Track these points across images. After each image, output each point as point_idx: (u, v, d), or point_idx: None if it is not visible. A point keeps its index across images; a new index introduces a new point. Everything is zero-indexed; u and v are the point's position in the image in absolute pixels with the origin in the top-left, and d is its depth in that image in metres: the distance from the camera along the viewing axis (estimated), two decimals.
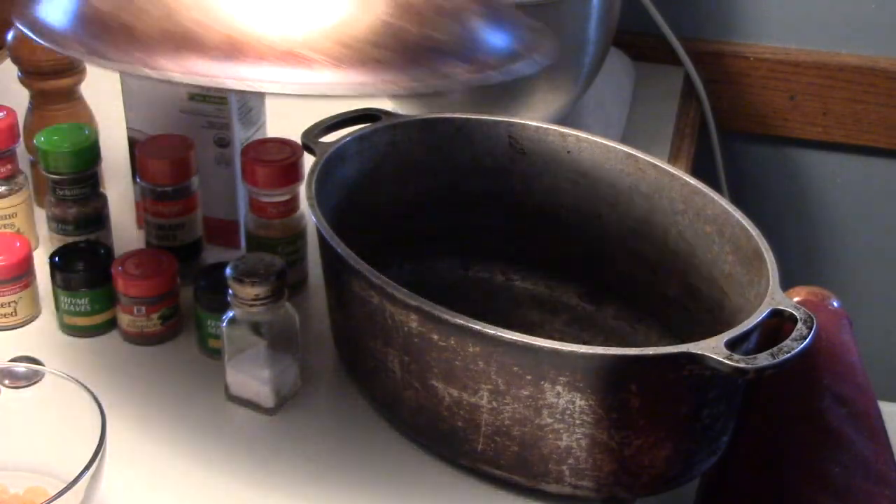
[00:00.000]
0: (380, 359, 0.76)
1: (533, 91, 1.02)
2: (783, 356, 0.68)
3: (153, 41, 0.67)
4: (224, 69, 0.65)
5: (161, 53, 0.66)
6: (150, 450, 0.78)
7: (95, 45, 0.68)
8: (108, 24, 0.68)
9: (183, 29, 0.66)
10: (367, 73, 0.66)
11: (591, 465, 0.72)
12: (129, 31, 0.67)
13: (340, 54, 0.66)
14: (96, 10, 0.69)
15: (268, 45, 0.66)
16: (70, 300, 0.86)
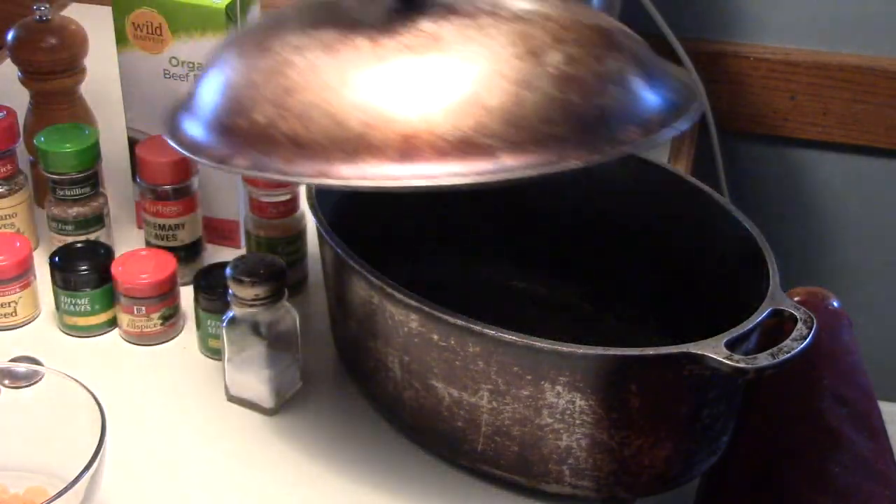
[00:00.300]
0: (380, 359, 0.76)
1: None
2: (783, 356, 0.68)
3: (324, 149, 0.67)
4: (405, 169, 0.66)
5: (337, 161, 0.67)
6: (150, 450, 0.78)
7: (262, 159, 0.68)
8: (268, 135, 0.68)
9: (353, 133, 0.67)
10: (546, 152, 0.66)
11: (591, 465, 0.72)
12: (294, 141, 0.68)
13: (516, 136, 0.66)
14: (252, 123, 0.69)
15: (442, 137, 0.66)
16: (70, 300, 0.86)
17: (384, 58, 0.68)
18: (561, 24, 0.70)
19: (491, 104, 0.66)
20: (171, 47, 0.90)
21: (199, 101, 0.72)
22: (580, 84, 0.68)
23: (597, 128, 0.67)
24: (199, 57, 0.90)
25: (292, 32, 0.71)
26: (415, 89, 0.67)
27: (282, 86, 0.69)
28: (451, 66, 0.67)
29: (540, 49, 0.68)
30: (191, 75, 0.90)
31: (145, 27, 0.90)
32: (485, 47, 0.68)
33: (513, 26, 0.69)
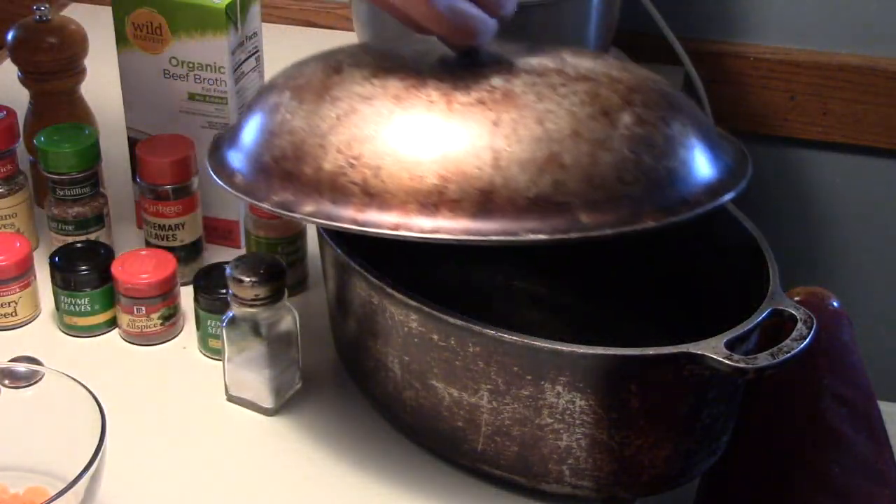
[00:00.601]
0: (380, 359, 0.76)
1: None
2: (783, 356, 0.68)
3: (399, 201, 0.68)
4: (483, 225, 0.66)
5: (414, 214, 0.67)
6: (150, 450, 0.78)
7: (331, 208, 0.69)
8: (338, 184, 0.69)
9: (430, 186, 0.67)
10: (622, 211, 0.67)
11: (591, 465, 0.72)
12: (366, 190, 0.68)
13: (592, 195, 0.67)
14: (319, 170, 0.69)
15: (520, 193, 0.67)
16: (70, 300, 0.86)
17: (459, 112, 0.69)
18: (627, 86, 0.72)
19: (568, 162, 0.67)
20: (171, 47, 0.90)
21: (255, 145, 0.73)
22: (651, 145, 0.69)
23: (668, 189, 0.69)
24: (199, 57, 0.90)
25: (355, 81, 0.72)
26: (492, 144, 0.68)
27: (351, 135, 0.69)
28: (528, 123, 0.68)
29: (612, 109, 0.70)
30: (191, 75, 0.91)
31: (145, 27, 0.90)
32: (559, 105, 0.69)
33: (582, 85, 0.71)
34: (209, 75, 0.90)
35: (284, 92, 0.74)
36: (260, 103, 0.76)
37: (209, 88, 0.91)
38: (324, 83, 0.73)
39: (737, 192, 0.72)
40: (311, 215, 0.69)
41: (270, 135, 0.72)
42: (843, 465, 0.89)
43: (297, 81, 0.74)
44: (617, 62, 0.76)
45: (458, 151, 0.68)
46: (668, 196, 0.69)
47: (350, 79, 0.72)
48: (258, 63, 0.94)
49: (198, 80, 0.91)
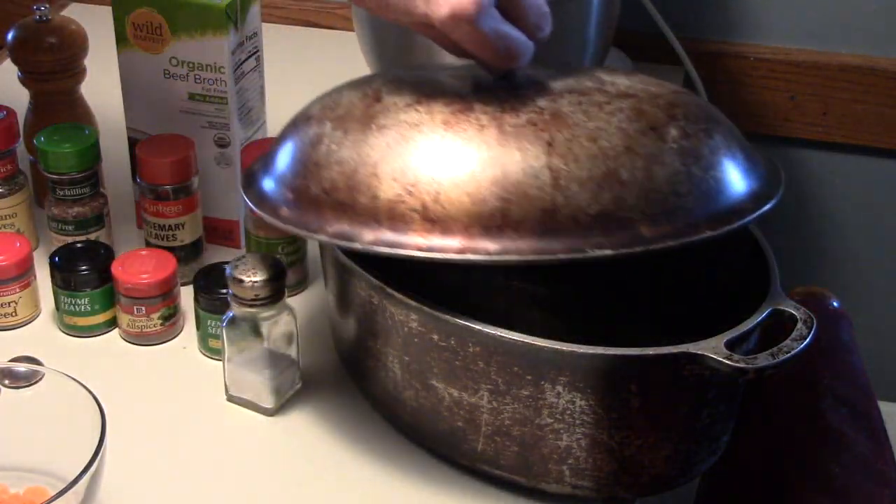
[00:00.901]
0: (380, 359, 0.76)
1: None
2: (783, 356, 0.68)
3: (462, 225, 0.68)
4: (549, 243, 0.67)
5: (478, 237, 0.68)
6: (150, 450, 0.78)
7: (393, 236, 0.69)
8: (397, 212, 0.69)
9: (492, 209, 0.68)
10: (677, 223, 0.69)
11: (591, 465, 0.72)
12: (426, 216, 0.69)
13: (650, 209, 0.69)
14: (375, 199, 0.70)
15: (582, 210, 0.68)
16: (70, 300, 0.86)
17: (511, 133, 0.70)
18: (667, 101, 0.74)
19: (625, 178, 0.69)
20: (172, 47, 0.90)
21: (299, 177, 0.73)
22: (698, 157, 0.71)
23: (717, 199, 0.71)
24: (199, 57, 0.90)
25: (399, 108, 0.73)
26: (549, 164, 0.69)
27: (405, 162, 0.70)
28: (582, 142, 0.70)
29: (658, 124, 0.71)
30: (191, 75, 0.91)
31: (145, 27, 0.90)
32: (608, 123, 0.71)
33: (625, 102, 0.73)
34: (209, 75, 0.90)
35: (324, 123, 0.74)
36: (296, 135, 0.76)
37: (209, 88, 0.91)
38: (366, 112, 0.73)
39: (777, 199, 0.74)
40: (372, 244, 0.70)
41: (316, 167, 0.72)
42: (843, 465, 0.89)
43: (337, 112, 0.74)
44: (648, 78, 0.78)
45: (516, 173, 0.69)
46: (718, 206, 0.71)
47: (393, 107, 0.73)
48: (258, 63, 0.94)
49: (198, 80, 0.91)
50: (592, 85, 0.75)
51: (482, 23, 0.69)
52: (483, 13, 0.68)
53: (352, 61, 1.11)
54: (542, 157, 0.69)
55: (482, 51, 0.71)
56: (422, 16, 0.69)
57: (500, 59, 0.72)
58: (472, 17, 0.68)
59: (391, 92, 0.74)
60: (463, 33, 0.69)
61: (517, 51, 0.71)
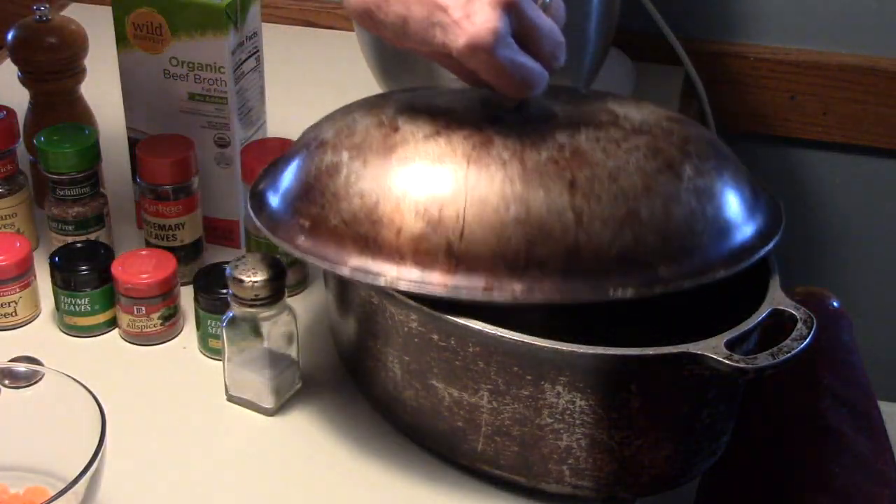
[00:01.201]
0: (380, 359, 0.76)
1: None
2: (783, 356, 0.68)
3: (488, 263, 0.69)
4: (572, 285, 0.69)
5: (504, 277, 0.69)
6: (150, 450, 0.78)
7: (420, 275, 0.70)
8: (422, 249, 0.70)
9: (517, 248, 0.69)
10: (694, 262, 0.70)
11: (591, 465, 0.72)
12: (451, 254, 0.69)
13: (668, 249, 0.70)
14: (397, 234, 0.70)
15: (604, 251, 0.69)
16: (70, 300, 0.86)
17: (534, 171, 0.71)
18: (680, 137, 0.75)
19: (645, 217, 0.70)
20: (172, 47, 0.90)
21: (316, 206, 0.73)
22: (711, 195, 0.73)
23: (729, 236, 0.73)
24: (199, 57, 0.90)
25: (418, 140, 0.73)
26: (572, 204, 0.70)
27: (428, 197, 0.70)
28: (603, 181, 0.71)
29: (674, 162, 0.73)
30: (191, 75, 0.91)
31: (145, 27, 0.90)
32: (627, 162, 0.72)
33: (642, 139, 0.74)
34: (209, 75, 0.90)
35: (341, 151, 0.74)
36: (310, 160, 0.76)
37: (209, 88, 0.91)
38: (385, 143, 0.73)
39: (780, 234, 0.76)
40: (395, 280, 0.70)
41: (335, 197, 0.72)
42: (843, 465, 0.89)
43: (353, 140, 0.74)
44: (657, 109, 0.79)
45: (540, 211, 0.69)
46: (729, 244, 0.72)
47: (412, 137, 0.73)
48: (258, 63, 0.94)
49: (198, 80, 0.91)
50: (607, 119, 0.76)
51: (499, 53, 0.69)
52: (500, 43, 0.69)
53: (352, 61, 1.11)
54: (565, 197, 0.70)
55: (499, 80, 0.71)
56: (440, 45, 0.70)
57: (516, 89, 0.72)
58: (490, 47, 0.68)
59: (408, 121, 0.75)
60: (480, 63, 0.70)
61: (533, 80, 0.71)
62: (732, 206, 0.74)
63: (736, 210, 0.74)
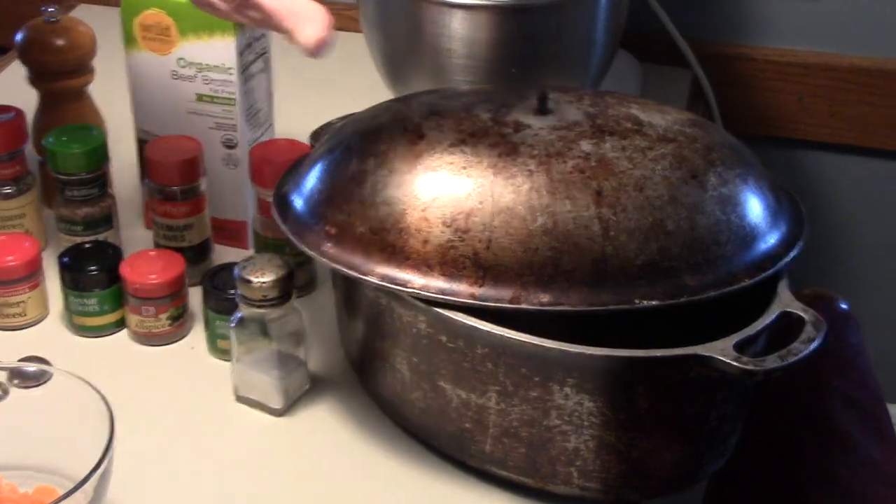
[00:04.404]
0: (388, 360, 0.76)
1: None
2: (792, 358, 0.68)
3: (515, 273, 0.69)
4: (598, 295, 0.69)
5: (531, 286, 0.69)
6: (159, 450, 0.79)
7: (445, 283, 0.70)
8: (449, 258, 0.70)
9: (544, 259, 0.69)
10: (718, 271, 0.71)
11: (599, 466, 0.72)
12: (478, 264, 0.70)
13: (693, 259, 0.70)
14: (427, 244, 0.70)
15: (630, 261, 0.69)
16: (79, 300, 0.86)
17: (561, 181, 0.71)
18: (704, 144, 0.76)
19: (670, 228, 0.70)
20: (180, 49, 0.91)
21: (342, 213, 0.73)
22: (735, 204, 0.73)
23: (753, 245, 0.73)
24: (207, 58, 0.90)
25: (444, 149, 0.74)
26: (599, 215, 0.70)
27: (456, 207, 0.71)
28: (629, 192, 0.71)
29: (699, 171, 0.73)
30: (199, 76, 0.91)
31: (153, 28, 0.91)
32: (653, 171, 0.72)
33: (667, 147, 0.74)
34: (217, 76, 0.91)
35: (367, 159, 0.74)
36: (335, 166, 0.76)
37: (217, 90, 0.91)
38: (411, 151, 0.74)
39: (804, 240, 0.75)
40: (422, 289, 0.70)
41: (361, 205, 0.73)
42: (852, 468, 0.89)
43: (379, 147, 0.74)
44: (680, 114, 0.79)
45: (567, 222, 0.70)
46: (753, 252, 0.73)
47: (438, 146, 0.74)
48: (266, 65, 0.95)
49: (206, 81, 0.91)
50: (632, 126, 0.76)
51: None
52: None
53: (360, 62, 1.11)
54: (591, 207, 0.70)
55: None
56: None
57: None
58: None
59: (432, 128, 0.75)
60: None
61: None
62: (756, 215, 0.74)
63: (759, 218, 0.74)
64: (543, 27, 0.99)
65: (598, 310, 0.69)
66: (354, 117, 0.81)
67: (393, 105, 0.82)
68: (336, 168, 0.76)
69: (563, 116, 0.77)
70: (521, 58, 0.98)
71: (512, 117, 0.76)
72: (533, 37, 0.98)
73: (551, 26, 0.99)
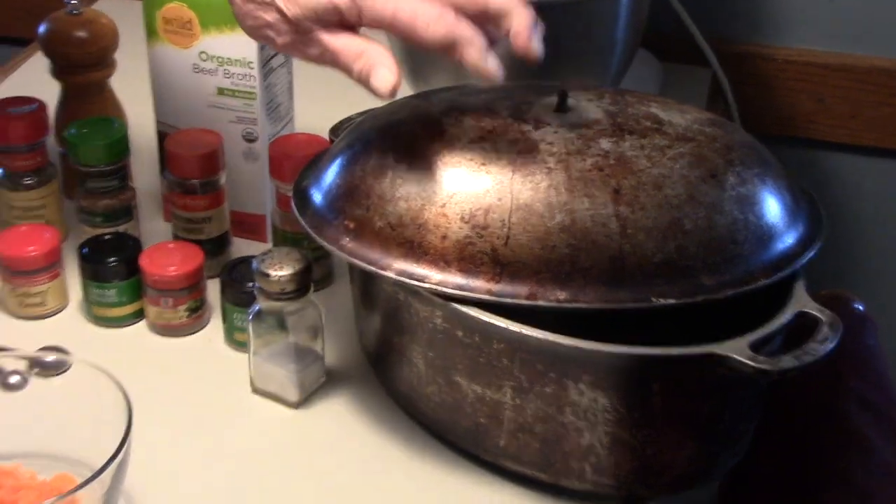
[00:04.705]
0: (404, 354, 0.76)
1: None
2: (807, 358, 0.68)
3: (532, 270, 0.69)
4: (615, 293, 0.69)
5: (548, 283, 0.69)
6: (175, 440, 0.79)
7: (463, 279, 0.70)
8: (467, 254, 0.70)
9: (562, 256, 0.69)
10: (735, 270, 0.70)
11: (612, 463, 0.72)
12: (496, 260, 0.70)
13: (710, 258, 0.70)
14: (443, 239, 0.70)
15: (648, 260, 0.69)
16: (98, 291, 0.87)
17: (579, 179, 0.71)
18: (724, 144, 0.76)
19: (688, 227, 0.70)
20: (201, 42, 0.91)
21: (361, 207, 0.74)
22: (753, 203, 0.73)
23: (770, 244, 0.73)
24: (228, 52, 0.90)
25: (464, 146, 0.73)
26: (617, 213, 0.70)
27: (474, 204, 0.71)
28: (647, 190, 0.71)
29: (718, 171, 0.73)
30: (220, 70, 0.91)
31: (175, 22, 0.91)
32: (671, 170, 0.72)
33: (687, 146, 0.74)
34: (238, 70, 0.91)
35: (387, 154, 0.74)
36: (355, 161, 0.76)
37: (238, 83, 0.92)
38: (430, 146, 0.74)
39: (822, 240, 0.75)
40: (440, 285, 0.70)
41: (380, 199, 0.73)
42: (867, 470, 0.89)
43: (399, 143, 0.75)
44: (700, 113, 0.79)
45: (584, 220, 0.70)
46: (770, 252, 0.72)
47: (457, 142, 0.74)
48: (287, 59, 0.95)
49: (227, 74, 0.92)
50: (651, 125, 0.76)
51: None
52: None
53: None
54: (609, 205, 0.70)
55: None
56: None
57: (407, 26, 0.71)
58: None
59: (452, 124, 0.75)
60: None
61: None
62: (774, 215, 0.74)
63: (777, 218, 0.74)
64: (565, 25, 0.99)
65: (615, 307, 0.69)
66: (374, 113, 0.82)
67: (413, 101, 0.82)
68: (355, 163, 0.76)
69: (582, 115, 0.77)
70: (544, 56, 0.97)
71: (531, 115, 0.76)
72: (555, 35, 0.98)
73: (573, 25, 0.99)
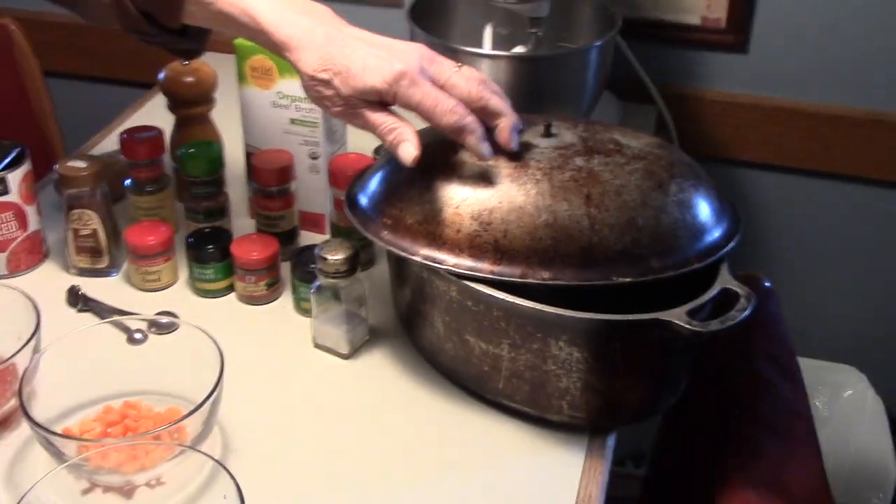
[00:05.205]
0: (427, 319, 0.75)
1: None
2: (729, 322, 0.67)
3: (524, 257, 0.68)
4: (586, 273, 0.68)
5: (536, 266, 0.68)
6: (256, 383, 0.78)
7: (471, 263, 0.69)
8: (475, 244, 0.69)
9: (546, 246, 0.68)
10: (676, 257, 0.70)
11: (583, 401, 0.71)
12: (497, 248, 0.69)
13: (658, 247, 0.70)
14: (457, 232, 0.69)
15: (611, 248, 0.68)
16: (200, 270, 0.85)
17: (560, 187, 0.70)
18: (667, 161, 0.75)
19: (641, 224, 0.70)
20: (279, 85, 0.89)
21: (396, 208, 0.73)
22: (689, 206, 0.72)
23: (703, 237, 0.72)
24: (299, 93, 0.89)
25: (472, 161, 0.72)
26: (588, 213, 0.69)
27: (482, 206, 0.70)
28: (611, 196, 0.70)
29: (663, 182, 0.72)
30: (292, 106, 0.89)
31: (259, 69, 0.89)
32: (628, 181, 0.72)
33: (640, 163, 0.73)
34: (306, 106, 0.89)
35: (416, 169, 0.72)
36: (393, 173, 0.75)
37: (306, 116, 0.90)
38: (448, 163, 0.73)
39: (741, 235, 0.74)
40: (454, 266, 0.70)
41: (410, 202, 0.72)
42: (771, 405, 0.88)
43: (426, 160, 0.72)
44: (650, 138, 0.78)
45: (564, 218, 0.69)
46: (702, 243, 0.71)
47: (469, 160, 0.73)
48: None
49: (297, 109, 0.90)
50: (613, 147, 0.75)
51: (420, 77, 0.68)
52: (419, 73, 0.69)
53: None
54: (582, 208, 0.69)
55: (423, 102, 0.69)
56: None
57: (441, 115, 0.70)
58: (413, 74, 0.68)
59: (464, 147, 0.73)
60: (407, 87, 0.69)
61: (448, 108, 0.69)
62: (705, 215, 0.72)
63: (707, 218, 0.73)
64: (549, 73, 0.98)
65: (585, 284, 0.68)
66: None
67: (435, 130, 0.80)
68: (392, 175, 0.75)
69: (562, 139, 0.75)
70: (531, 95, 0.97)
71: (524, 139, 0.74)
72: (540, 80, 0.97)
73: (556, 73, 0.98)
